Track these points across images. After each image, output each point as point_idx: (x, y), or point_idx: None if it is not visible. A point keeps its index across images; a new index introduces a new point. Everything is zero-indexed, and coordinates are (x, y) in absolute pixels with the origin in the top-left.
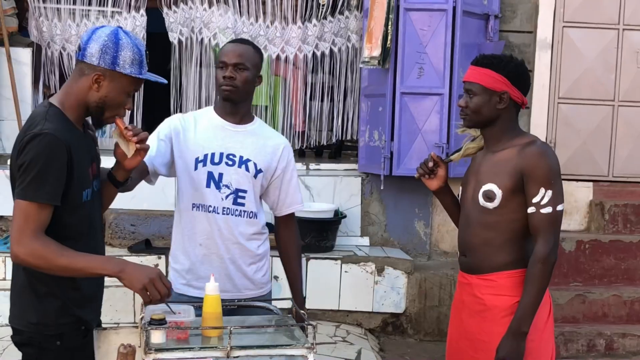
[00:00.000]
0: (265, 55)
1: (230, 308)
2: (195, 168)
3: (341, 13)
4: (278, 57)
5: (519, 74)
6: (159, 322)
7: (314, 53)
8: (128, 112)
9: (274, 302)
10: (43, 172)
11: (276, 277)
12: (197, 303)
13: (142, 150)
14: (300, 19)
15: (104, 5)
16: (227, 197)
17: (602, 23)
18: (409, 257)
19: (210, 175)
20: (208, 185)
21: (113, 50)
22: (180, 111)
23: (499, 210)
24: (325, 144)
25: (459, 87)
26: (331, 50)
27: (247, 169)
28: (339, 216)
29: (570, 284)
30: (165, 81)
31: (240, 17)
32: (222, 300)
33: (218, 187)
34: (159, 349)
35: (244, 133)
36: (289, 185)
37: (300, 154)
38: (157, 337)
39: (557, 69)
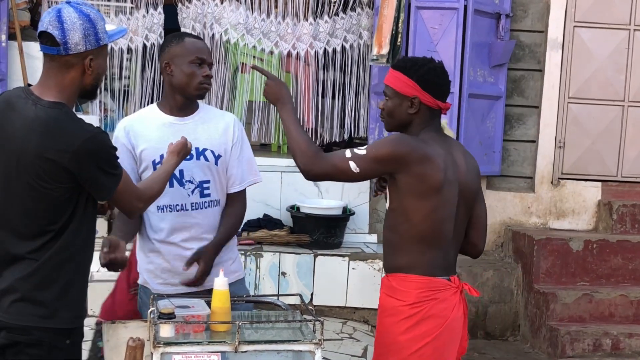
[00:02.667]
0: (276, 52)
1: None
2: (155, 170)
3: (353, 10)
4: (289, 54)
5: (430, 80)
6: (168, 316)
7: (325, 50)
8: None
9: (281, 298)
10: (114, 159)
11: (284, 274)
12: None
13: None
14: (311, 16)
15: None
16: (192, 192)
17: (613, 23)
18: None
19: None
20: (171, 185)
21: (92, 28)
22: None
23: (393, 212)
24: (336, 140)
25: (469, 86)
26: (342, 47)
27: (206, 159)
28: (347, 213)
29: (578, 283)
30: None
31: (252, 13)
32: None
33: (182, 184)
34: (168, 343)
35: (193, 124)
36: (243, 161)
37: None
38: (166, 330)
39: (568, 68)
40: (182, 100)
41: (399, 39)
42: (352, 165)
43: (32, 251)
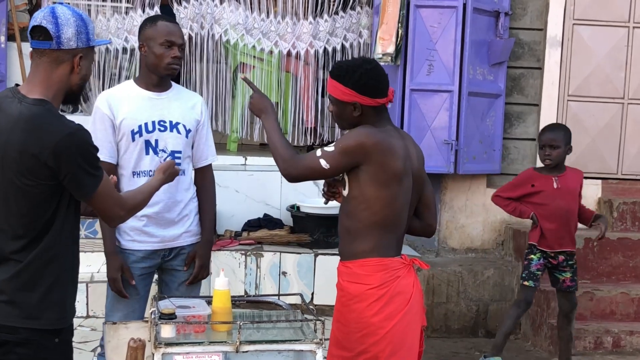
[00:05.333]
0: (276, 51)
1: None
2: (133, 139)
3: (352, 8)
4: (289, 53)
5: (365, 84)
6: (169, 317)
7: (325, 49)
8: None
9: (282, 298)
10: (94, 158)
11: (284, 273)
12: (142, 255)
13: None
14: (311, 15)
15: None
16: (164, 159)
17: (612, 21)
18: (417, 253)
19: (147, 143)
20: (147, 153)
21: (84, 27)
22: None
23: (354, 200)
24: (336, 139)
25: (469, 85)
26: (342, 46)
27: (178, 132)
28: None
29: (578, 281)
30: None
31: (251, 13)
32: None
33: (156, 153)
34: (169, 343)
35: (168, 99)
36: (207, 138)
37: (310, 150)
38: (167, 331)
39: (567, 66)
40: (155, 78)
41: (400, 37)
42: (323, 162)
43: (16, 251)
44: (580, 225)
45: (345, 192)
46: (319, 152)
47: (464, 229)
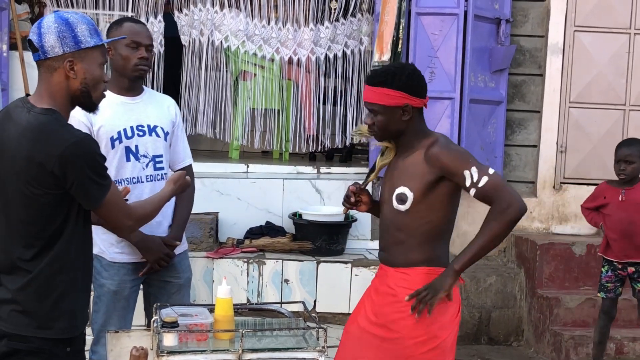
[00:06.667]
0: (277, 58)
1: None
2: (113, 147)
3: (353, 15)
4: (290, 60)
5: (413, 84)
6: (171, 325)
7: (326, 56)
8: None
9: (284, 305)
10: (102, 167)
11: (287, 281)
12: (130, 267)
13: None
14: (312, 22)
15: (109, 9)
16: (147, 165)
17: (613, 28)
18: None
19: (127, 149)
20: (128, 159)
21: (69, 31)
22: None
23: (410, 213)
24: (338, 147)
25: (470, 91)
26: (343, 53)
27: (157, 135)
28: (349, 220)
29: (581, 287)
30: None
31: (252, 19)
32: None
33: (137, 159)
34: (171, 352)
35: (143, 103)
36: (182, 140)
37: (311, 158)
38: (169, 339)
39: (568, 73)
40: (126, 81)
41: (400, 45)
42: (492, 172)
43: (27, 261)
44: (582, 232)
45: (402, 208)
46: (491, 171)
47: (466, 236)
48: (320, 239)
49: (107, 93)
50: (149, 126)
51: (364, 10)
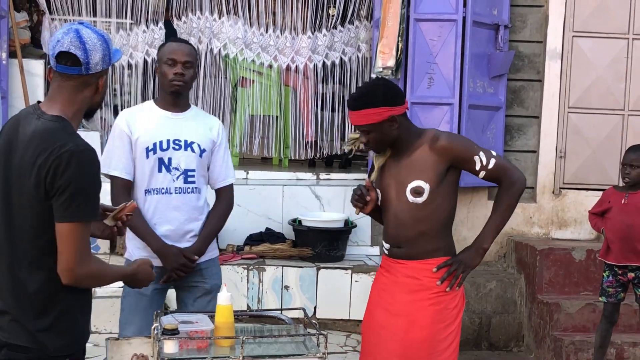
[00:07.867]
0: (275, 66)
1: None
2: (147, 157)
3: (351, 23)
4: (288, 68)
5: (391, 95)
6: (172, 332)
7: (324, 63)
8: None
9: (284, 312)
10: (92, 190)
11: (287, 287)
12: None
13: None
14: (310, 29)
15: (109, 17)
16: (177, 177)
17: (612, 33)
18: None
19: (160, 160)
20: (160, 170)
21: (108, 49)
22: None
23: (428, 204)
24: (337, 153)
25: (469, 97)
26: (341, 60)
27: (192, 150)
28: (349, 226)
29: (581, 293)
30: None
31: (250, 27)
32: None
33: (169, 170)
34: (172, 359)
35: (184, 119)
36: (224, 160)
37: (311, 164)
38: (170, 347)
39: (567, 78)
40: (170, 97)
41: (400, 51)
42: (495, 154)
43: (27, 274)
44: (581, 237)
45: (420, 200)
46: (494, 152)
47: (465, 242)
48: (320, 245)
49: (153, 107)
50: (185, 141)
51: (362, 17)
